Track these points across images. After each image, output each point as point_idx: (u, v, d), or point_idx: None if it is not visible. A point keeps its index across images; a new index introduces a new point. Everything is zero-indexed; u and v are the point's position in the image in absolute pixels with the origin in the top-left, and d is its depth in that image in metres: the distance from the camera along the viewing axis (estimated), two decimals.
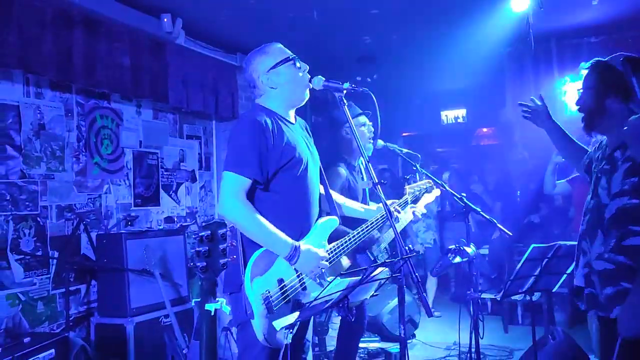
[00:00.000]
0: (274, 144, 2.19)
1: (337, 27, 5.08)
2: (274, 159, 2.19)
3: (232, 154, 2.17)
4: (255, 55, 2.37)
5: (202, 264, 1.45)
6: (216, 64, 5.20)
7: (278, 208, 2.20)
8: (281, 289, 2.10)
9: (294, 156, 2.22)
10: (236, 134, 2.22)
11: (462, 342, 5.00)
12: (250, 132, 2.17)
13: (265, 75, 2.31)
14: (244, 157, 2.14)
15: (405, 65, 6.55)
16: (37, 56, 3.44)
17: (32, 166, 3.68)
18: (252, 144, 2.15)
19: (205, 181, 5.48)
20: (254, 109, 2.33)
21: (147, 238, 4.02)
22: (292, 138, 2.27)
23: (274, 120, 2.24)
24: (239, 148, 2.16)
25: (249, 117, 2.25)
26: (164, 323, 3.99)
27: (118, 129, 4.41)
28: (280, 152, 2.19)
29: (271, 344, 2.08)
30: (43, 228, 3.73)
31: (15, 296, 3.53)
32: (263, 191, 2.22)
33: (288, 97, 2.35)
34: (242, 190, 2.12)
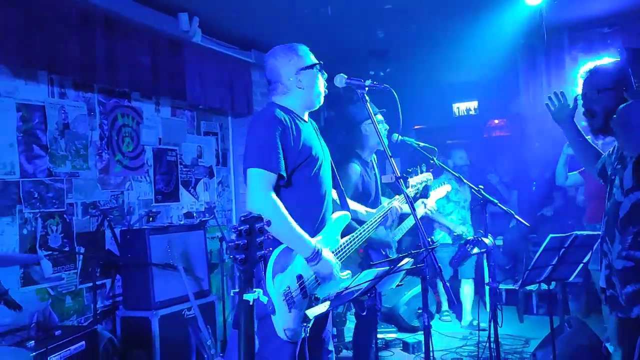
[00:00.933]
0: (293, 141, 2.24)
1: (351, 22, 5.13)
2: (292, 156, 2.24)
3: (255, 151, 2.21)
4: (287, 52, 2.40)
5: (241, 256, 1.52)
6: (232, 61, 5.28)
7: (295, 204, 2.25)
8: (300, 285, 2.18)
9: (310, 154, 2.28)
10: (256, 130, 2.26)
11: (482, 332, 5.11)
12: (271, 129, 2.22)
13: (296, 74, 2.36)
14: (268, 153, 2.18)
15: (418, 59, 6.59)
16: (62, 57, 3.53)
17: (58, 164, 3.78)
18: (273, 140, 2.20)
19: (222, 176, 5.57)
20: (271, 106, 2.36)
21: (169, 233, 4.11)
22: (308, 137, 2.33)
23: (290, 118, 2.30)
24: (262, 144, 2.20)
25: (268, 114, 2.29)
26: (187, 316, 4.10)
27: (138, 127, 4.51)
28: (298, 150, 2.25)
29: (290, 337, 2.15)
30: (69, 225, 3.84)
31: (45, 291, 3.64)
32: (281, 187, 2.28)
33: (310, 99, 2.41)
34: (270, 186, 2.18)
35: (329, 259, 2.19)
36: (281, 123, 2.23)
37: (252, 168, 2.19)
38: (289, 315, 2.14)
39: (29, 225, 3.56)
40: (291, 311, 2.14)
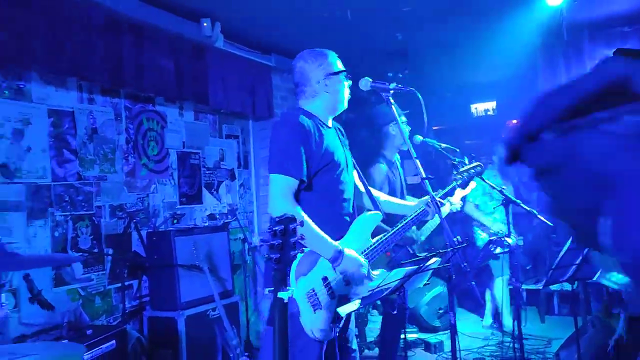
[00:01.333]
0: (315, 146, 2.29)
1: (369, 25, 5.18)
2: (315, 161, 2.29)
3: (278, 157, 2.26)
4: (317, 57, 2.46)
5: (276, 255, 1.58)
6: (253, 65, 5.35)
7: (317, 208, 2.30)
8: (326, 286, 2.22)
9: (332, 159, 2.33)
10: (279, 136, 2.31)
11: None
12: (294, 134, 2.27)
13: (324, 79, 2.42)
14: (290, 159, 2.23)
15: (436, 60, 6.61)
16: (90, 64, 3.63)
17: (87, 168, 3.89)
18: (296, 146, 2.24)
19: (244, 179, 5.65)
20: (296, 111, 2.42)
21: (193, 235, 4.20)
22: (331, 141, 2.38)
23: (314, 124, 2.35)
24: (284, 150, 2.25)
25: (292, 119, 2.34)
26: (212, 316, 4.18)
27: (163, 131, 4.61)
28: (320, 155, 2.29)
29: (319, 337, 2.20)
30: (98, 227, 3.94)
31: (76, 291, 3.74)
32: (304, 191, 2.32)
33: (334, 105, 2.46)
34: (291, 192, 2.23)
35: (353, 257, 2.24)
36: (304, 128, 2.28)
37: (274, 174, 2.25)
38: (314, 316, 2.19)
39: (60, 228, 3.66)
40: (316, 312, 2.18)
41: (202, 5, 4.35)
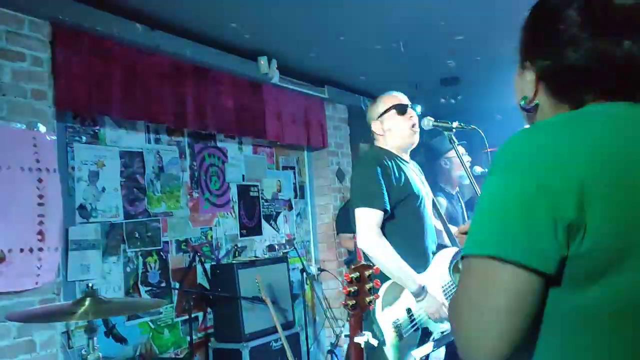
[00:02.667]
0: (395, 179, 2.38)
1: (421, 55, 5.23)
2: (394, 193, 2.38)
3: (361, 192, 2.38)
4: (373, 102, 2.65)
5: (352, 302, 1.64)
6: (306, 98, 5.49)
7: (399, 239, 2.37)
8: (410, 317, 2.26)
9: (412, 191, 2.40)
10: (361, 173, 2.44)
11: None
12: (372, 168, 2.38)
13: (375, 122, 2.54)
14: (372, 192, 2.34)
15: (488, 84, 6.58)
16: (158, 107, 3.84)
17: (154, 206, 4.07)
18: (377, 180, 2.35)
19: (300, 209, 5.75)
20: (373, 148, 2.58)
21: (255, 267, 4.31)
22: (409, 175, 2.46)
23: (391, 159, 2.45)
24: (367, 185, 2.37)
25: (370, 155, 2.50)
26: (275, 347, 4.25)
27: (224, 166, 4.77)
28: (400, 187, 2.38)
29: None
30: (165, 261, 4.10)
31: (146, 324, 3.90)
32: (386, 223, 2.40)
33: (394, 142, 2.55)
34: (377, 224, 2.32)
35: (435, 297, 2.28)
36: (382, 162, 2.39)
37: (358, 208, 2.33)
38: (400, 346, 2.23)
39: (132, 264, 3.84)
40: (401, 341, 2.23)
41: (258, 44, 4.52)
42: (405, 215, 2.41)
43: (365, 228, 2.31)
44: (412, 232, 2.42)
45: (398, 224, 2.41)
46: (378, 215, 2.33)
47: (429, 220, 2.50)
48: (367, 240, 2.29)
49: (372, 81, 5.91)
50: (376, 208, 2.32)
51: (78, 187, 3.55)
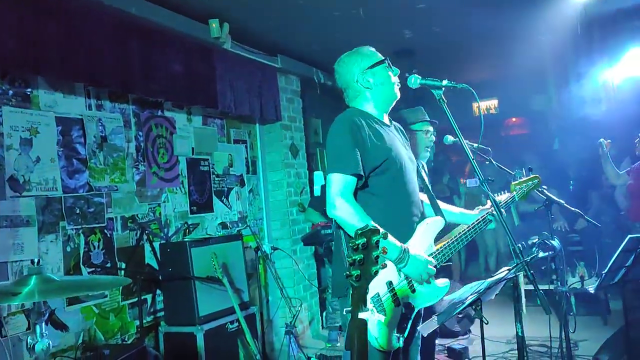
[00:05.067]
0: (370, 144, 2.19)
1: (378, 24, 5.04)
2: (370, 159, 2.19)
3: (333, 156, 2.21)
4: (351, 56, 2.41)
5: (357, 272, 1.42)
6: (260, 67, 5.18)
7: (379, 210, 2.17)
8: (390, 291, 2.07)
9: (389, 156, 2.21)
10: (334, 136, 2.24)
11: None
12: (347, 133, 2.19)
13: (361, 75, 2.32)
14: (345, 157, 2.16)
15: (442, 58, 6.50)
16: (100, 68, 3.44)
17: (97, 179, 3.68)
18: (350, 144, 2.17)
19: (253, 185, 5.46)
20: (348, 111, 2.36)
21: (209, 245, 4.01)
22: (388, 139, 2.26)
23: (369, 122, 2.24)
24: (339, 149, 2.19)
25: (345, 118, 2.27)
26: (230, 329, 3.99)
27: (172, 137, 4.41)
28: (375, 152, 2.19)
29: (383, 346, 2.05)
30: (110, 240, 3.73)
31: (90, 309, 3.53)
32: (363, 193, 2.21)
33: (381, 98, 2.36)
34: (348, 189, 2.14)
35: (419, 256, 2.09)
36: (355, 125, 2.20)
37: (330, 173, 2.16)
38: (379, 323, 2.04)
39: (72, 243, 3.45)
40: (381, 319, 2.03)
41: (210, 6, 4.17)
42: (384, 182, 2.21)
43: (337, 193, 2.11)
44: (392, 201, 2.22)
45: (377, 192, 2.21)
46: (350, 180, 2.13)
47: (412, 188, 2.30)
48: (338, 205, 2.08)
49: (326, 51, 5.66)
50: (348, 174, 2.13)
51: (8, 157, 3.13)
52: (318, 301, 5.91)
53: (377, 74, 2.33)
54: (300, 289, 5.63)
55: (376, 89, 2.33)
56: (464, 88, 2.29)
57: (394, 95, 2.38)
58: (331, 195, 2.12)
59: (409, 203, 2.27)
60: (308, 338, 5.62)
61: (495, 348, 4.81)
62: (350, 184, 2.14)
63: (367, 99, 2.35)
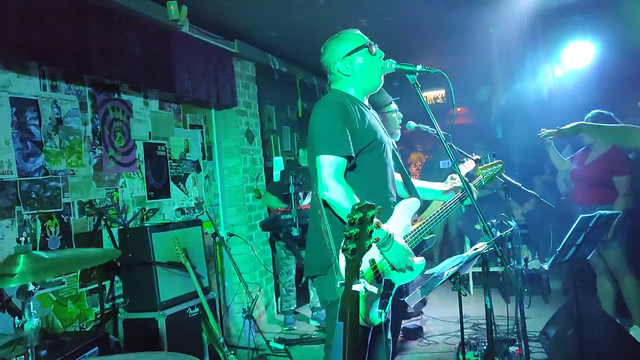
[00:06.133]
0: (358, 124, 2.22)
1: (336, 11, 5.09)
2: (358, 141, 2.21)
3: (323, 138, 2.18)
4: (331, 42, 2.40)
5: (353, 245, 1.47)
6: (216, 51, 5.12)
7: (364, 189, 2.21)
8: (373, 269, 2.14)
9: (375, 138, 2.25)
10: (322, 117, 2.23)
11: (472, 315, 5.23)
12: (336, 114, 2.19)
13: (340, 62, 2.33)
14: (335, 139, 2.15)
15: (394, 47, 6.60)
16: (56, 48, 3.32)
17: (53, 162, 3.56)
18: (339, 125, 2.17)
19: (209, 170, 5.42)
20: (333, 92, 2.36)
21: (169, 230, 3.97)
22: (373, 121, 2.30)
23: (354, 104, 2.27)
24: (329, 130, 2.18)
25: (331, 99, 2.27)
26: (191, 315, 3.97)
27: (128, 121, 4.31)
28: (363, 134, 2.22)
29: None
30: (67, 225, 3.62)
31: (47, 296, 3.43)
32: (350, 173, 2.24)
33: (362, 84, 2.37)
34: (340, 171, 2.15)
35: (402, 246, 2.16)
36: (344, 107, 2.20)
37: (320, 155, 2.15)
38: (363, 299, 2.09)
39: (28, 228, 3.33)
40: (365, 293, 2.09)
41: None
42: (369, 163, 2.26)
43: (329, 174, 2.12)
44: (376, 181, 2.28)
45: (363, 173, 2.25)
46: (342, 162, 2.16)
47: (391, 169, 2.37)
48: (330, 187, 2.10)
49: (282, 38, 5.66)
50: (339, 155, 2.15)
51: None
52: (273, 287, 5.95)
53: (354, 60, 2.35)
54: (256, 275, 5.65)
55: (354, 75, 2.35)
56: (438, 73, 2.35)
57: (374, 81, 2.39)
58: (324, 178, 2.12)
59: (388, 183, 2.34)
60: (264, 323, 5.66)
61: (446, 327, 5.02)
62: (342, 165, 2.16)
63: (349, 84, 2.36)
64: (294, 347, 4.76)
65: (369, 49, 2.36)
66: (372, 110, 2.42)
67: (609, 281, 4.23)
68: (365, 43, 2.38)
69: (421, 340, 4.68)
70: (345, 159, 2.16)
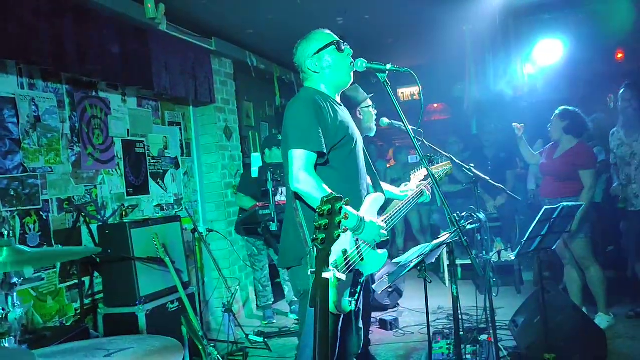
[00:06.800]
0: (330, 120, 2.30)
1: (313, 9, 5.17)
2: (330, 136, 2.30)
3: (295, 132, 2.26)
4: (304, 41, 2.49)
5: (322, 235, 1.57)
6: (194, 49, 5.17)
7: (335, 183, 2.29)
8: (345, 259, 2.24)
9: (347, 134, 2.35)
10: (295, 113, 2.30)
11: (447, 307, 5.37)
12: (309, 110, 2.27)
13: (309, 59, 2.42)
14: (307, 134, 2.24)
15: (371, 45, 6.73)
16: (33, 46, 3.35)
17: (32, 160, 3.59)
18: (312, 121, 2.25)
19: (188, 167, 5.47)
20: (306, 89, 2.45)
21: (148, 226, 4.02)
22: (345, 118, 2.39)
23: (326, 101, 2.36)
24: (301, 126, 2.25)
25: (305, 95, 2.36)
26: (171, 309, 4.04)
27: (107, 119, 4.34)
28: (335, 130, 2.31)
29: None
30: (46, 222, 3.66)
31: (27, 292, 3.46)
32: (320, 166, 2.33)
33: (332, 81, 2.46)
34: (312, 165, 2.23)
35: (373, 222, 2.27)
36: (317, 104, 2.29)
37: (293, 149, 2.23)
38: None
39: (7, 225, 3.36)
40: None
41: None
42: (341, 158, 2.35)
43: (300, 168, 2.21)
44: (346, 174, 2.38)
45: (334, 167, 2.34)
46: (313, 157, 2.25)
47: (362, 164, 2.47)
48: (301, 179, 2.19)
49: (259, 35, 5.72)
50: (311, 150, 2.24)
51: None
52: (253, 281, 6.03)
53: (323, 58, 2.44)
54: (235, 270, 5.72)
55: (324, 73, 2.44)
56: (407, 72, 2.44)
57: (344, 78, 2.48)
58: (295, 170, 2.21)
59: (360, 177, 2.44)
60: (243, 318, 5.73)
61: (421, 318, 5.14)
62: (312, 159, 2.24)
63: (320, 81, 2.45)
64: (273, 340, 4.85)
65: (337, 47, 2.45)
66: (343, 107, 2.51)
67: (576, 271, 4.39)
68: (333, 41, 2.46)
69: (397, 331, 4.80)
70: (316, 154, 2.25)
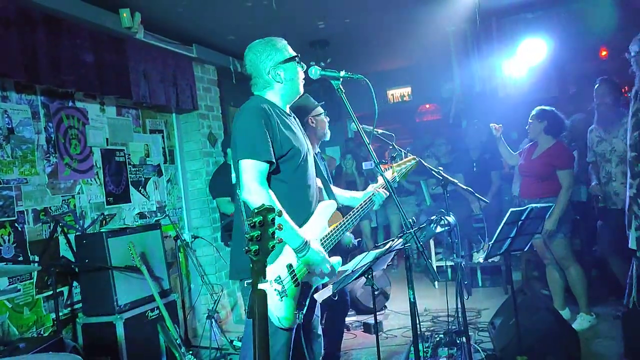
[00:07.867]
0: (278, 132, 2.30)
1: (292, 14, 5.18)
2: (277, 148, 2.29)
3: (245, 142, 2.24)
4: (265, 47, 2.44)
5: (255, 247, 1.57)
6: (174, 56, 5.18)
7: (284, 195, 2.29)
8: (290, 273, 2.23)
9: (294, 145, 2.34)
10: (244, 122, 2.29)
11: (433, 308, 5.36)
12: (258, 120, 2.26)
13: (272, 69, 2.40)
14: (257, 143, 2.23)
15: (356, 48, 6.74)
16: (3, 58, 3.36)
17: (5, 172, 3.61)
18: (262, 131, 2.24)
19: (171, 174, 5.48)
20: (255, 99, 2.43)
21: (126, 235, 4.03)
22: (292, 129, 2.39)
23: (276, 111, 2.36)
24: (251, 135, 2.24)
25: (254, 106, 2.34)
26: (151, 317, 4.04)
27: (84, 128, 4.36)
28: (282, 141, 2.30)
29: (284, 325, 2.21)
30: (22, 234, 3.67)
31: (2, 303, 3.48)
32: (271, 179, 2.32)
33: (289, 93, 2.47)
34: (263, 175, 2.22)
35: (317, 250, 2.25)
36: (266, 113, 2.28)
37: (243, 160, 2.22)
38: (280, 304, 2.18)
39: None
40: (282, 300, 2.18)
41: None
42: (289, 169, 2.34)
43: (251, 178, 2.19)
44: (295, 186, 2.36)
45: (283, 180, 2.33)
46: (264, 167, 2.24)
47: (312, 175, 2.47)
48: (253, 190, 2.17)
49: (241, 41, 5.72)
50: (261, 160, 2.22)
51: None
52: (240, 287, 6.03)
53: (288, 69, 2.43)
54: (222, 276, 5.72)
55: (286, 84, 2.43)
56: (360, 79, 2.45)
57: (299, 91, 2.50)
58: (246, 181, 2.20)
59: (308, 189, 2.43)
60: (231, 323, 5.74)
61: (407, 321, 5.13)
62: (264, 170, 2.23)
63: (275, 91, 2.44)
64: None
65: (298, 61, 2.46)
66: (293, 117, 2.51)
67: (557, 271, 4.38)
68: (296, 55, 2.47)
69: (380, 334, 4.79)
70: (267, 163, 2.24)
